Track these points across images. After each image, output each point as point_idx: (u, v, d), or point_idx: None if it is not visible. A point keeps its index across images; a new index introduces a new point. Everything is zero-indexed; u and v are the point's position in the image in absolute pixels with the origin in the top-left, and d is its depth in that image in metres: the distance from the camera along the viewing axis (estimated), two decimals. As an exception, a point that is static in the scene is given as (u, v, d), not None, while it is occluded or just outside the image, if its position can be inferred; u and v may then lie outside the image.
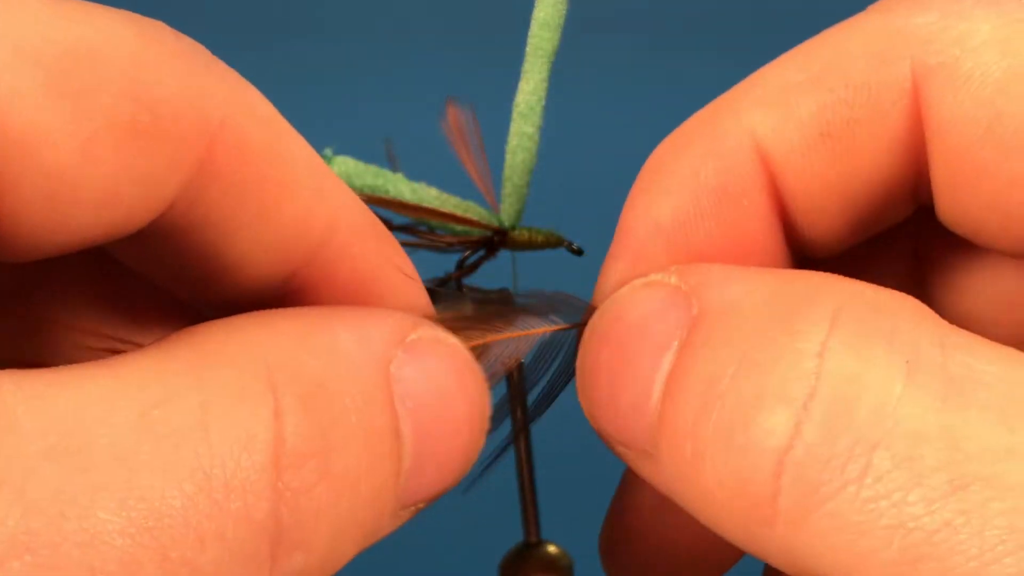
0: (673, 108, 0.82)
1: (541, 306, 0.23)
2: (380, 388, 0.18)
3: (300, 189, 0.18)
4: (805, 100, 0.20)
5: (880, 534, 0.15)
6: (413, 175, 0.25)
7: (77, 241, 0.17)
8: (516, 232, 0.25)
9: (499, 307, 0.23)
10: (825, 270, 0.19)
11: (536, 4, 0.23)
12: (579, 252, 0.27)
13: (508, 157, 0.24)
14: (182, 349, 0.17)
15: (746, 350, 0.17)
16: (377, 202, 0.24)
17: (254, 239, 0.18)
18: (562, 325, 0.23)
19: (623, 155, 0.78)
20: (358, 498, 0.17)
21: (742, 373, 0.17)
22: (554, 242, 0.26)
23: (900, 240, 0.23)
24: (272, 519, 0.16)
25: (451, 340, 0.20)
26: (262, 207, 0.18)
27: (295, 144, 0.18)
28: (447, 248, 0.25)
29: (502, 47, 0.25)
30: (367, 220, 0.20)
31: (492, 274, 0.25)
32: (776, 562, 0.17)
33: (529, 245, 0.26)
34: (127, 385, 0.16)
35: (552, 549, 0.26)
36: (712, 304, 0.18)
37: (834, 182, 0.20)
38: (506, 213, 0.25)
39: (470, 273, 0.25)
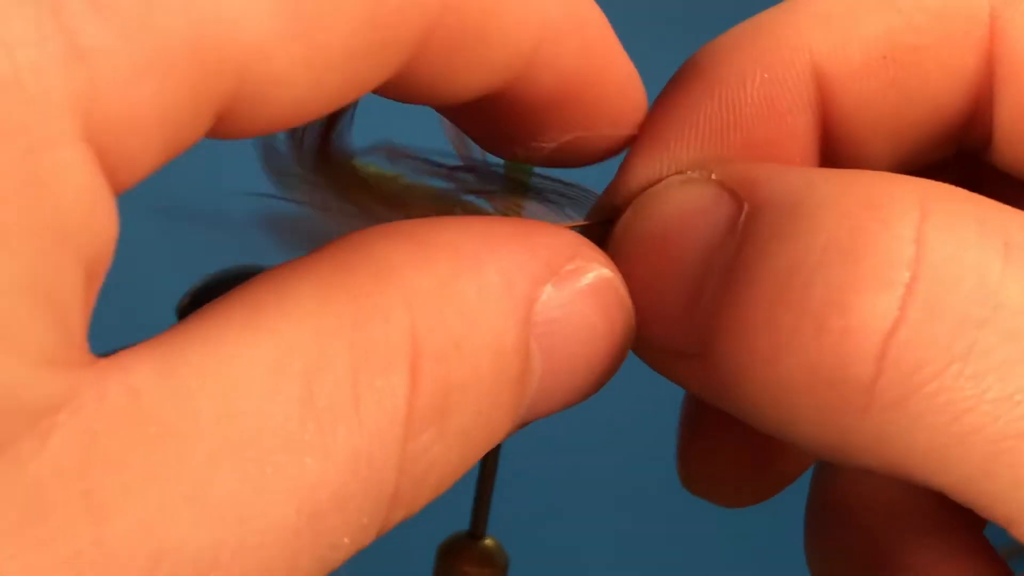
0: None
1: (555, 196, 0.22)
2: (518, 337, 0.17)
3: (508, 11, 0.17)
4: (871, 19, 0.19)
5: (986, 409, 0.15)
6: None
7: (290, 119, 0.16)
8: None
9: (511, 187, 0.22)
10: None
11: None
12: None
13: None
14: (340, 291, 0.15)
15: (831, 239, 0.16)
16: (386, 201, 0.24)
17: (468, 73, 0.17)
18: (581, 222, 0.21)
19: (623, 154, 0.78)
20: (470, 449, 0.17)
21: (831, 260, 0.16)
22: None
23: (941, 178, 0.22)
24: (395, 488, 0.15)
25: (606, 272, 0.18)
26: (473, 51, 0.17)
27: None
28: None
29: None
30: (577, 16, 0.19)
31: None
32: (859, 454, 0.16)
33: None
34: (290, 354, 0.15)
35: (489, 543, 0.25)
36: (770, 198, 0.17)
37: (888, 109, 0.20)
38: (507, 214, 0.25)
39: None
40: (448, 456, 0.16)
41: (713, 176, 0.18)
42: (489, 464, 0.26)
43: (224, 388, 0.14)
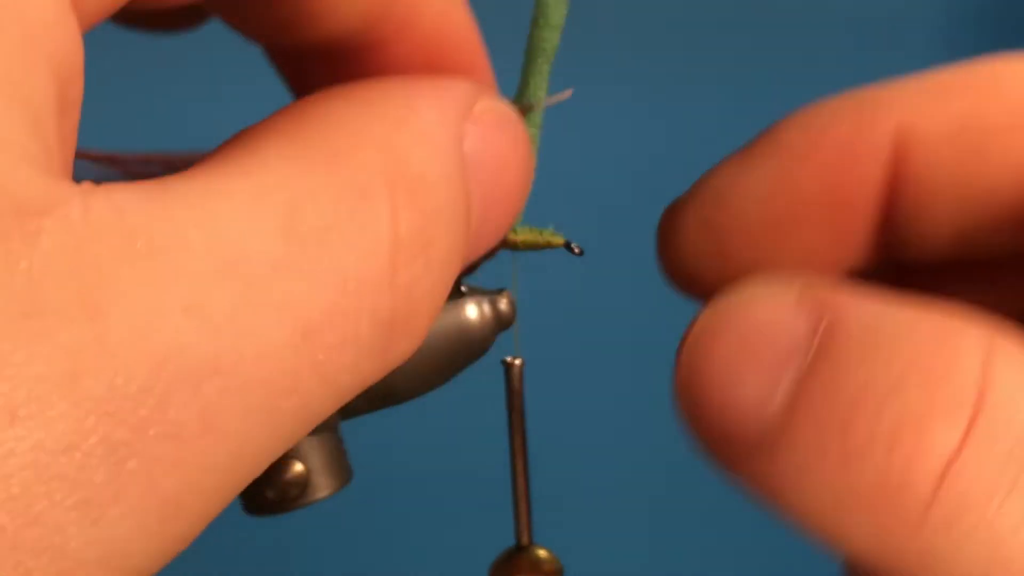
0: (674, 108, 0.82)
1: None
2: (460, 169, 0.19)
3: None
4: (958, 95, 0.21)
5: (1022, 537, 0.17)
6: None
7: None
8: (516, 232, 0.25)
9: None
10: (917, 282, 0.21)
11: (536, 3, 0.22)
12: (580, 253, 0.27)
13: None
14: (303, 146, 0.17)
15: (908, 365, 0.18)
16: None
17: None
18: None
19: (624, 155, 0.79)
20: (444, 280, 0.18)
21: (907, 385, 0.18)
22: (555, 243, 0.26)
23: (1010, 277, 0.24)
24: (390, 314, 0.17)
25: (508, 111, 0.21)
26: None
27: None
28: None
29: (501, 47, 0.25)
30: None
31: (493, 275, 0.25)
32: (904, 566, 0.18)
33: (529, 245, 0.26)
34: (269, 189, 0.16)
35: (542, 553, 0.26)
36: (849, 320, 0.19)
37: (960, 179, 0.21)
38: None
39: (470, 273, 0.25)
40: (436, 288, 0.18)
41: (795, 289, 0.20)
42: (520, 472, 0.26)
43: (209, 216, 0.15)
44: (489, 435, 0.79)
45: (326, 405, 0.16)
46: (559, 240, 0.26)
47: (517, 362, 0.26)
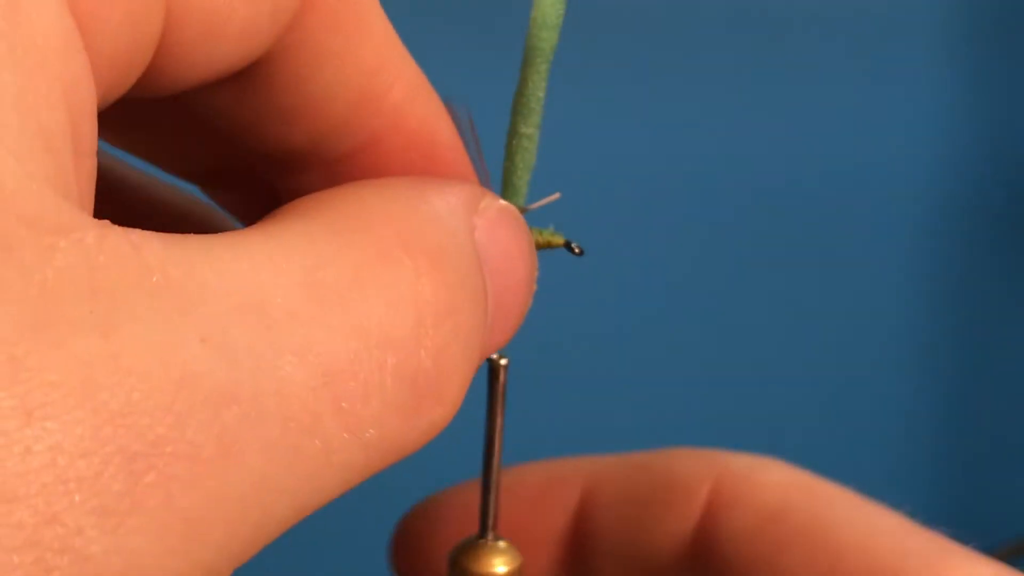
0: (673, 109, 0.83)
1: None
2: (474, 253, 0.20)
3: (375, 29, 0.20)
4: (632, 472, 0.27)
5: None
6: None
7: (213, 73, 0.18)
8: None
9: None
10: None
11: (534, 3, 0.22)
12: (580, 253, 0.26)
13: (507, 158, 0.24)
14: (321, 220, 0.18)
15: None
16: None
17: (336, 73, 0.20)
18: None
19: (624, 156, 0.79)
20: (472, 355, 0.19)
21: None
22: (555, 243, 0.26)
23: None
24: (416, 373, 0.17)
25: (510, 207, 0.22)
26: (347, 41, 0.20)
27: None
28: None
29: (500, 46, 0.25)
30: (422, 80, 0.22)
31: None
32: None
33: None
34: (288, 250, 0.16)
35: (501, 544, 0.26)
36: None
37: (626, 540, 0.27)
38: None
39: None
40: (465, 354, 0.18)
41: None
42: (490, 462, 0.26)
43: (227, 266, 0.16)
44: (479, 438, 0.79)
45: (356, 458, 0.17)
46: (559, 240, 0.26)
47: (503, 361, 0.26)
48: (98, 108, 0.16)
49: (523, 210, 0.25)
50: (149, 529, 0.14)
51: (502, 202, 0.22)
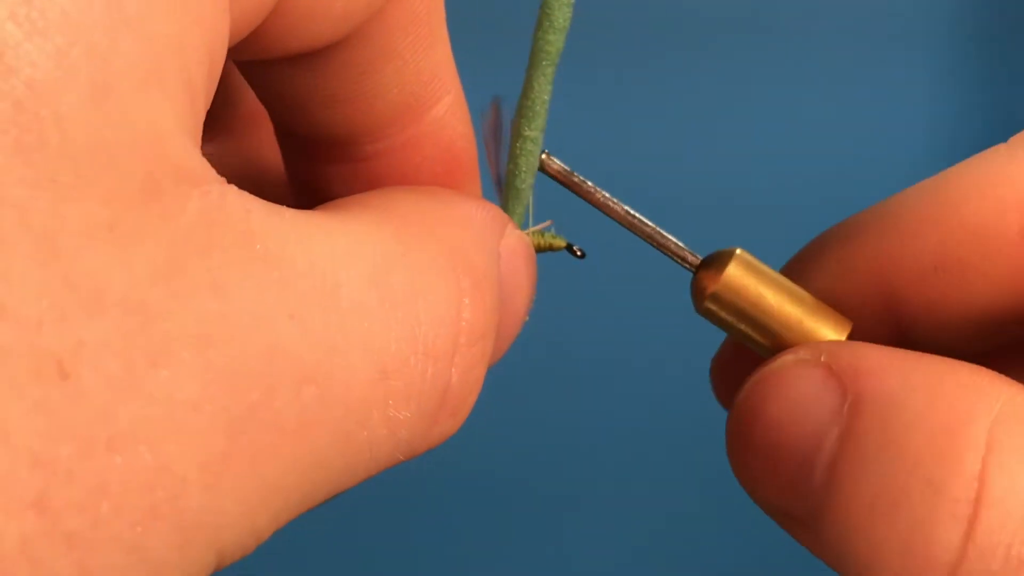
0: (674, 111, 0.82)
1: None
2: (499, 281, 0.20)
3: (439, 41, 0.21)
4: (925, 235, 0.23)
5: None
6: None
7: (306, 44, 0.19)
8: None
9: None
10: None
11: (541, 6, 0.22)
12: (582, 256, 0.26)
13: (510, 161, 0.24)
14: (389, 218, 0.18)
15: (915, 464, 0.20)
16: None
17: (395, 74, 0.21)
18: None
19: (624, 156, 0.79)
20: (483, 376, 0.20)
21: (914, 487, 0.20)
22: (556, 246, 0.26)
23: None
24: (445, 388, 0.18)
25: (527, 239, 0.23)
26: (415, 45, 0.20)
27: None
28: None
29: (505, 49, 0.25)
30: (463, 101, 0.22)
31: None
32: None
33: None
34: (360, 243, 0.17)
35: (722, 253, 0.25)
36: (871, 394, 0.21)
37: (949, 310, 0.23)
38: (509, 215, 0.25)
39: None
40: (480, 378, 0.19)
41: (823, 359, 0.22)
42: (632, 218, 0.27)
43: (312, 245, 0.16)
44: (488, 437, 0.80)
45: (383, 453, 0.17)
46: (561, 243, 0.26)
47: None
48: None
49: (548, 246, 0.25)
50: (236, 491, 0.15)
51: (520, 232, 0.23)
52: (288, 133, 0.23)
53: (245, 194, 0.16)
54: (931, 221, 0.23)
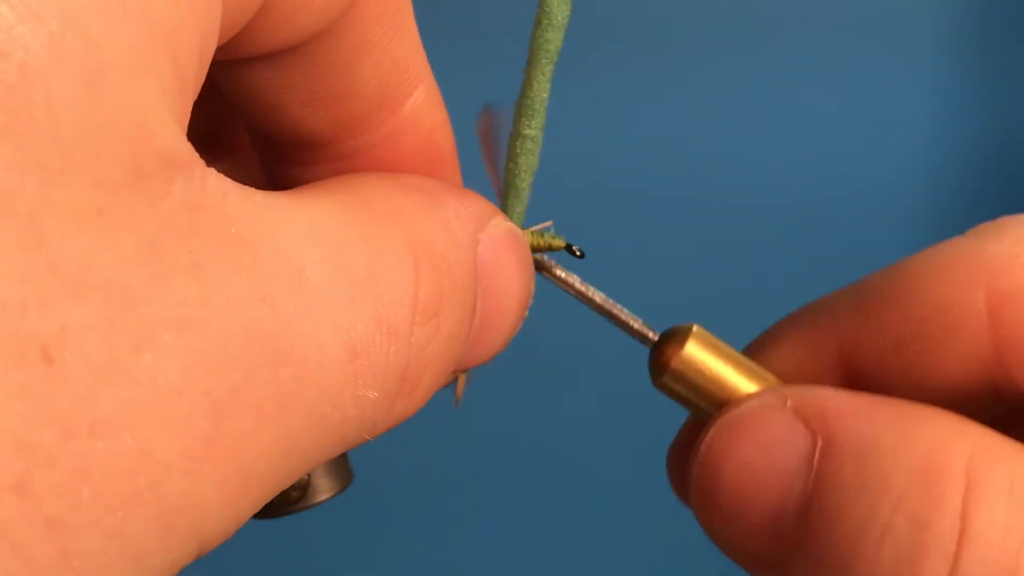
0: (675, 111, 0.82)
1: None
2: (473, 266, 0.21)
3: (411, 29, 0.21)
4: (887, 312, 0.23)
5: None
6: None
7: (289, 40, 0.19)
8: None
9: None
10: None
11: (540, 4, 0.22)
12: (581, 255, 0.26)
13: (509, 159, 0.24)
14: (350, 202, 0.19)
15: (898, 503, 0.20)
16: None
17: (373, 65, 0.21)
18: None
19: (624, 157, 0.78)
20: (447, 359, 0.20)
21: (899, 525, 0.20)
22: (555, 246, 0.26)
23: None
24: (405, 366, 0.18)
25: (518, 231, 0.23)
26: (390, 35, 0.21)
27: None
28: None
29: (504, 47, 0.25)
30: (437, 89, 0.22)
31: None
32: None
33: (532, 248, 0.26)
34: (320, 225, 0.17)
35: (680, 328, 0.25)
36: (841, 436, 0.21)
37: (912, 386, 0.23)
38: (509, 215, 0.25)
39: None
40: (438, 360, 0.19)
41: (788, 403, 0.22)
42: (595, 299, 0.27)
43: (279, 228, 0.16)
44: (490, 438, 0.79)
45: (352, 433, 0.18)
46: (560, 243, 0.26)
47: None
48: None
49: (548, 247, 0.25)
50: (218, 477, 0.15)
51: (511, 225, 0.22)
52: (267, 139, 0.23)
53: (223, 178, 0.16)
54: (893, 298, 0.23)
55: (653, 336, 0.25)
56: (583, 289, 0.26)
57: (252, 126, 0.23)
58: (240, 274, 0.15)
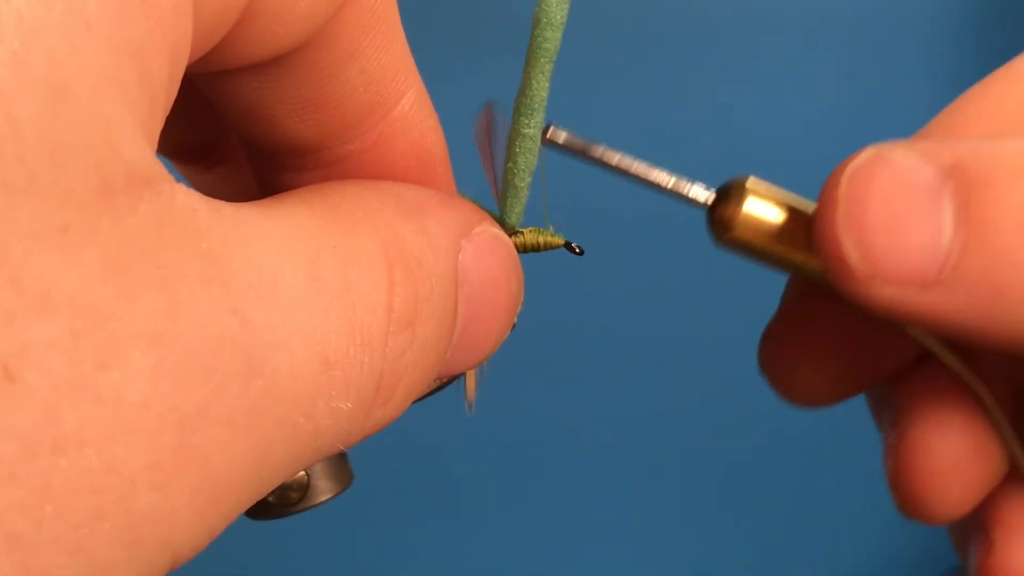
0: (676, 110, 0.82)
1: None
2: (453, 273, 0.20)
3: (398, 35, 0.21)
4: None
5: None
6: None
7: (270, 51, 0.19)
8: (518, 233, 0.25)
9: None
10: None
11: (538, 3, 0.22)
12: (580, 253, 0.26)
13: (508, 159, 0.24)
14: (324, 210, 0.19)
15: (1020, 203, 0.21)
16: None
17: (360, 73, 0.21)
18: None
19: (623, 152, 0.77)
20: (425, 367, 0.20)
21: None
22: (555, 243, 0.26)
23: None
24: (379, 375, 0.18)
25: (504, 237, 0.22)
26: (377, 42, 0.21)
27: None
28: None
29: (503, 46, 0.25)
30: (425, 93, 0.22)
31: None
32: None
33: (531, 247, 0.26)
34: (293, 236, 0.17)
35: (736, 180, 0.25)
36: (966, 154, 0.22)
37: None
38: (507, 214, 0.25)
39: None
40: (415, 368, 0.19)
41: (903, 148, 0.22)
42: (648, 173, 0.25)
43: (250, 241, 0.16)
44: (490, 439, 0.79)
45: (326, 441, 0.17)
46: (559, 241, 0.26)
47: (557, 133, 0.24)
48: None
49: (516, 231, 0.25)
50: (188, 490, 0.15)
51: (498, 231, 0.22)
52: (257, 147, 0.23)
53: (192, 192, 0.16)
54: None
55: (708, 197, 0.25)
56: (625, 165, 0.24)
57: (241, 134, 0.23)
58: (210, 288, 0.15)
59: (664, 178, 0.25)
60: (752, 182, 0.24)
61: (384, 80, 0.21)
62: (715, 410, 0.77)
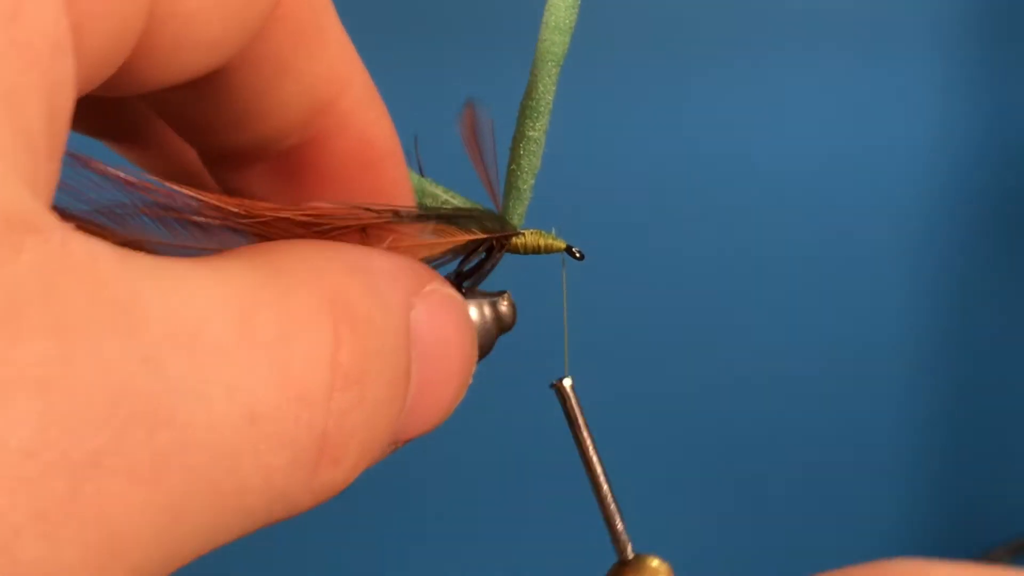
0: (677, 112, 0.82)
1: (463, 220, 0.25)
2: (405, 331, 0.20)
3: (333, 40, 0.21)
4: None
5: None
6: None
7: (181, 76, 0.18)
8: (519, 236, 0.25)
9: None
10: None
11: (546, 7, 0.22)
12: (581, 257, 0.26)
13: (511, 161, 0.24)
14: (263, 266, 0.18)
15: None
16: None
17: (294, 86, 0.20)
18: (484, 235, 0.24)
19: (625, 158, 0.78)
20: (376, 427, 0.19)
21: None
22: (556, 247, 0.26)
23: None
24: (323, 434, 0.18)
25: (456, 296, 0.22)
26: (309, 56, 0.20)
27: None
28: (448, 254, 0.25)
29: (510, 50, 0.25)
30: (370, 87, 0.22)
31: (494, 277, 0.25)
32: None
33: (532, 249, 0.26)
34: (228, 287, 0.17)
35: (653, 563, 0.26)
36: None
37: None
38: (510, 215, 0.25)
39: (472, 276, 0.25)
40: (365, 427, 0.19)
41: None
42: (601, 487, 0.26)
43: (170, 291, 0.16)
44: (491, 439, 0.79)
45: (257, 504, 0.17)
46: (560, 244, 0.26)
47: (567, 383, 0.26)
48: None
49: (517, 233, 0.25)
50: (80, 541, 0.14)
51: (450, 290, 0.22)
52: (202, 150, 0.23)
53: (93, 240, 0.15)
54: None
55: (627, 554, 0.26)
56: (591, 453, 0.25)
57: (187, 140, 0.23)
58: (114, 336, 0.15)
59: (613, 512, 0.26)
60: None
61: (320, 87, 0.21)
62: (715, 410, 0.77)
